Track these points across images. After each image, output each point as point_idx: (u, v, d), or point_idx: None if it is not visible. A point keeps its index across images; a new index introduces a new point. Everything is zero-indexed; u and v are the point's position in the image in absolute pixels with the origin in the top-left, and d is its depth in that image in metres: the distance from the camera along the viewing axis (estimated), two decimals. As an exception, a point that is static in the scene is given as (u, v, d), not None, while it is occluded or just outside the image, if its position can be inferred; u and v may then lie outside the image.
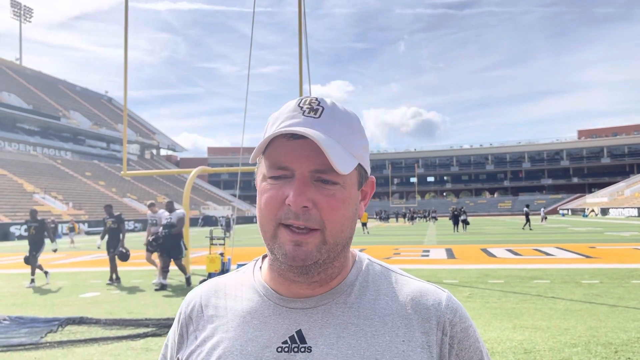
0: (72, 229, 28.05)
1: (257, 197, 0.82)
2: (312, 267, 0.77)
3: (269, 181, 0.78)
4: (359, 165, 0.81)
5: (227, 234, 12.09)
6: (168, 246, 10.48)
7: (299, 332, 0.79)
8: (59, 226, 38.51)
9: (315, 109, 0.79)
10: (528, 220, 32.87)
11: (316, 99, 0.80)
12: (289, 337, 0.79)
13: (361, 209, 0.85)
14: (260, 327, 0.81)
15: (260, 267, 0.91)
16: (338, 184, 0.77)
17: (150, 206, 12.20)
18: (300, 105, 0.80)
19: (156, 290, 9.95)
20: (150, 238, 10.86)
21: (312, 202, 0.75)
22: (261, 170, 0.81)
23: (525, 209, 34.01)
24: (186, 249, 11.19)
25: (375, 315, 0.80)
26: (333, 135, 0.77)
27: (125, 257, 11.33)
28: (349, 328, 0.79)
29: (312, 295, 0.82)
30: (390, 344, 0.78)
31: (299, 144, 0.75)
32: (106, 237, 11.87)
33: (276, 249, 0.78)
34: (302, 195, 0.74)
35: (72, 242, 26.76)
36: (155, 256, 11.29)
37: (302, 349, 0.77)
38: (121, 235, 11.76)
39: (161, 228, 10.68)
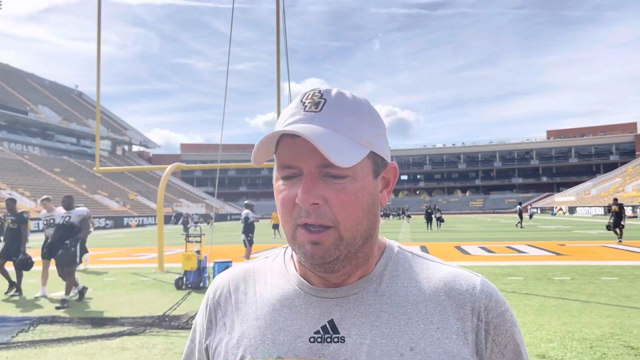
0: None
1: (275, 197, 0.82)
2: (333, 263, 0.76)
3: (282, 182, 0.78)
4: (373, 153, 0.78)
5: (184, 233, 11.46)
6: (57, 251, 8.70)
7: (331, 322, 0.78)
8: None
9: (316, 103, 0.77)
10: (521, 217, 33.18)
11: (319, 92, 0.78)
12: (321, 327, 0.78)
13: (383, 197, 0.82)
14: (292, 316, 0.80)
15: (292, 255, 0.89)
16: (348, 177, 0.74)
17: (44, 202, 9.98)
18: (303, 100, 0.78)
19: (57, 308, 7.88)
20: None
21: (322, 198, 0.73)
22: (275, 171, 0.80)
23: (518, 206, 34.38)
24: (86, 252, 9.23)
25: (408, 303, 0.79)
26: (336, 127, 0.75)
27: (27, 265, 9.39)
28: (382, 316, 0.78)
29: (343, 284, 0.81)
30: (425, 331, 0.76)
31: (302, 141, 0.74)
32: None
33: (297, 249, 0.77)
34: (309, 193, 0.73)
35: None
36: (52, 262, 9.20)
37: (335, 339, 0.76)
38: (22, 238, 9.53)
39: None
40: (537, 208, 77.66)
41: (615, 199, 18.69)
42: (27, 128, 73.02)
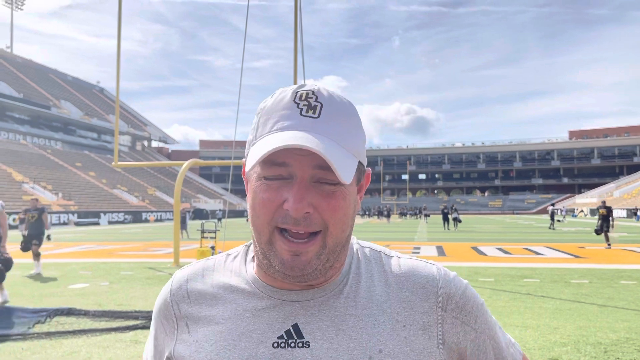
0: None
1: (248, 193, 0.76)
2: (310, 275, 0.73)
3: (264, 181, 0.72)
4: (359, 161, 0.77)
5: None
6: None
7: (295, 326, 0.75)
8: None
9: (313, 107, 0.72)
10: (553, 219, 32.16)
11: (313, 93, 0.73)
12: (285, 332, 0.75)
13: (357, 202, 0.80)
14: (254, 320, 0.77)
15: (253, 257, 0.84)
16: (338, 184, 0.72)
17: None
18: (296, 101, 0.73)
19: None
20: None
21: (312, 206, 0.71)
22: (255, 168, 0.75)
23: (550, 207, 33.36)
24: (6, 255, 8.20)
25: (373, 303, 0.77)
26: (334, 137, 0.72)
27: (7, 263, 8.18)
28: (348, 320, 0.76)
29: (308, 288, 0.78)
30: (392, 331, 0.75)
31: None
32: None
33: (272, 256, 0.73)
34: (303, 201, 0.69)
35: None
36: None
37: (300, 344, 0.74)
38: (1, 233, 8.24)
39: None
40: (558, 209, 76.55)
41: (604, 202, 18.14)
42: (50, 123, 74.31)
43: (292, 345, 0.74)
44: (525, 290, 8.74)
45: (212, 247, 10.02)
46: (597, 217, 17.89)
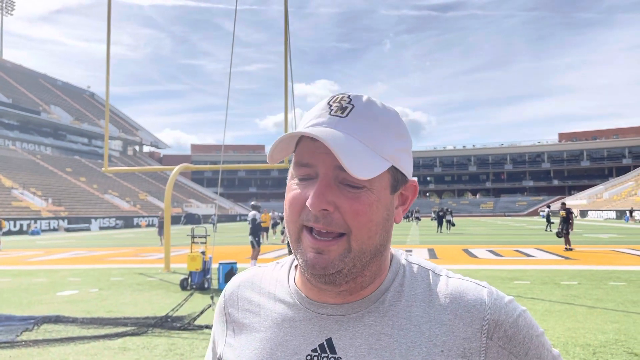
0: None
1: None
2: (335, 276, 0.72)
3: (296, 181, 0.75)
4: (394, 168, 0.75)
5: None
6: None
7: (329, 341, 0.75)
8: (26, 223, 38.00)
9: (344, 108, 0.74)
10: (549, 222, 31.73)
11: (348, 97, 0.75)
12: (319, 346, 0.75)
13: (399, 214, 0.78)
14: (291, 331, 0.78)
15: (297, 266, 0.85)
16: (364, 188, 0.71)
17: None
18: (330, 103, 0.75)
19: None
20: None
21: (333, 205, 0.70)
22: (291, 169, 0.78)
23: (546, 209, 33.08)
24: None
25: (411, 325, 0.74)
26: (360, 136, 0.71)
27: None
28: (382, 339, 0.73)
29: (343, 302, 0.77)
30: (427, 355, 0.72)
31: (321, 144, 0.70)
32: None
33: (299, 253, 0.74)
34: (321, 197, 0.69)
35: None
36: None
37: (332, 359, 0.73)
38: None
39: None
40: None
41: (563, 203, 18.17)
42: (40, 128, 73.78)
43: (325, 359, 0.74)
44: (516, 292, 8.77)
45: (203, 252, 9.96)
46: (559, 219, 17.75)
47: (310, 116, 0.76)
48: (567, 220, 17.01)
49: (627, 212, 48.75)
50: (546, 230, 31.51)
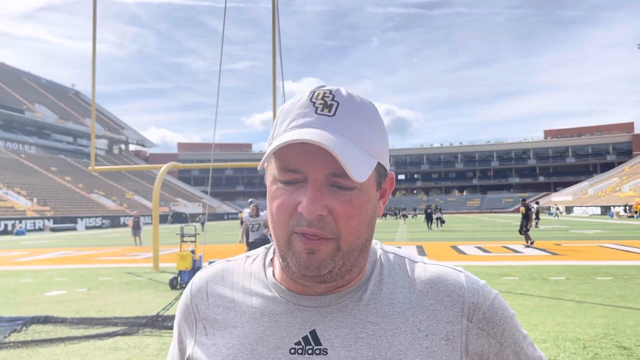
0: None
1: (267, 200, 0.76)
2: (326, 276, 0.72)
3: (280, 185, 0.72)
4: (378, 163, 0.74)
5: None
6: None
7: (313, 333, 0.74)
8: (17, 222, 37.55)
9: (329, 105, 0.71)
10: (538, 217, 31.93)
11: (330, 92, 0.73)
12: (303, 338, 0.74)
13: (380, 208, 0.78)
14: (271, 325, 0.76)
15: (272, 260, 0.84)
16: (355, 189, 0.71)
17: None
18: (313, 100, 0.72)
19: None
20: None
21: (327, 209, 0.69)
22: (271, 170, 0.74)
23: (535, 205, 33.42)
24: None
25: (394, 311, 0.75)
26: (350, 135, 0.70)
27: None
28: (367, 327, 0.74)
29: (327, 293, 0.77)
30: (413, 340, 0.73)
31: (312, 147, 0.68)
32: None
33: (290, 256, 0.72)
34: (316, 203, 0.68)
35: None
36: None
37: (317, 351, 0.72)
38: None
39: None
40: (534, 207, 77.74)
41: (523, 200, 18.44)
42: (24, 127, 72.78)
43: (310, 351, 0.73)
44: (505, 288, 8.84)
45: (192, 251, 9.91)
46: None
47: (292, 114, 0.73)
48: (526, 217, 17.25)
49: (623, 208, 48.76)
50: (535, 227, 31.82)
